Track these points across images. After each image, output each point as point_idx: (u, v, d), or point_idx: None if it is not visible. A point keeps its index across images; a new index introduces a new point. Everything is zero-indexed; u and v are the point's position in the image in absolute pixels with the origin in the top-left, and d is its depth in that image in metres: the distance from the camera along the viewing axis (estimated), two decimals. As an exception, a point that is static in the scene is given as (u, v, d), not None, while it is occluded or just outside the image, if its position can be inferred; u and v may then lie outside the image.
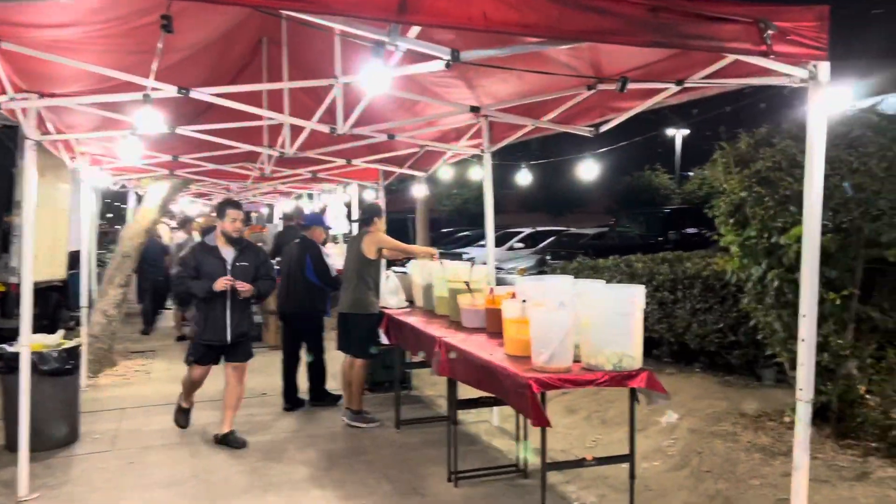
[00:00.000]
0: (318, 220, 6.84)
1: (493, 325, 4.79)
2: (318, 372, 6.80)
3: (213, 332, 5.37)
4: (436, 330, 4.96)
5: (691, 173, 42.32)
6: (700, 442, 4.81)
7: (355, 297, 5.95)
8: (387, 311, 6.01)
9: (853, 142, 4.13)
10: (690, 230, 13.20)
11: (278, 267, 7.27)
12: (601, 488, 4.60)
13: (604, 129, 4.59)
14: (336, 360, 6.57)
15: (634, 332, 3.64)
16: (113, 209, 34.67)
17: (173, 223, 14.15)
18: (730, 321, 6.22)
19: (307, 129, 5.29)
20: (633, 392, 3.70)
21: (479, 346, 4.31)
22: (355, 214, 9.97)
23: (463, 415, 6.07)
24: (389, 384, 7.20)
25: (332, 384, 7.05)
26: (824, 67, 3.00)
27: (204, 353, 5.46)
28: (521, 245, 17.36)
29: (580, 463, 3.67)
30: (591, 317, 3.65)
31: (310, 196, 16.30)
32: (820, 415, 4.56)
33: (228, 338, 5.39)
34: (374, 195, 9.69)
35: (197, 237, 11.83)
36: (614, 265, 7.40)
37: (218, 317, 5.35)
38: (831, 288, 4.24)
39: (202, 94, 4.27)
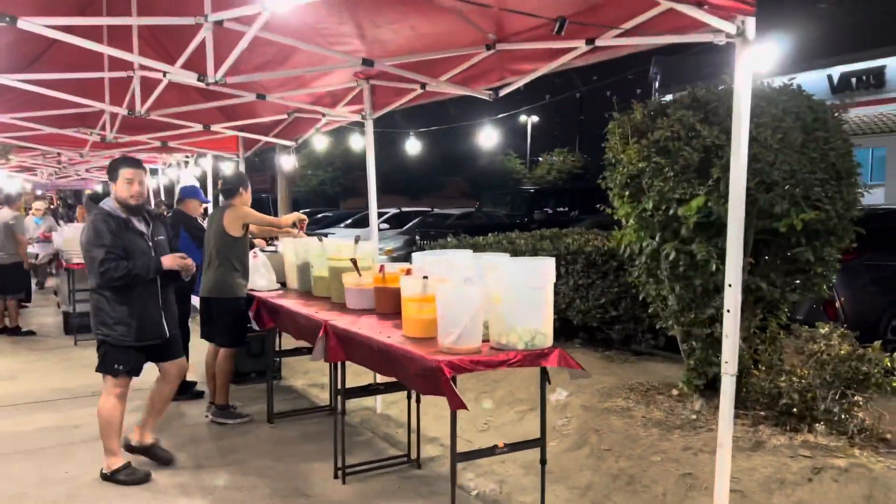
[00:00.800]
0: (193, 192, 6.06)
1: (384, 305, 4.38)
2: None
3: (151, 328, 4.27)
4: (318, 313, 4.46)
5: (540, 159, 44.21)
6: (595, 419, 4.70)
7: (218, 280, 5.29)
8: (256, 293, 5.40)
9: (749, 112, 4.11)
10: (553, 210, 13.47)
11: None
12: (499, 474, 4.36)
13: (504, 92, 4.30)
14: (199, 350, 5.88)
15: (546, 308, 3.38)
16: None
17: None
18: (611, 296, 6.22)
19: (164, 80, 4.54)
20: (544, 372, 3.45)
21: (372, 329, 3.88)
22: (211, 190, 9.07)
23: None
24: (257, 374, 6.60)
25: (193, 376, 6.33)
26: (751, 24, 2.88)
27: (137, 359, 4.29)
28: (386, 226, 16.94)
29: (492, 451, 3.37)
30: (501, 292, 3.35)
31: (153, 171, 14.89)
32: (710, 386, 4.59)
33: (167, 332, 4.38)
34: (235, 168, 8.91)
35: (31, 215, 10.40)
36: (496, 241, 7.21)
37: (152, 309, 4.28)
38: (723, 258, 4.23)
39: (32, 24, 3.44)
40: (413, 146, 15.53)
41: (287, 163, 7.65)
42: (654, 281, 4.78)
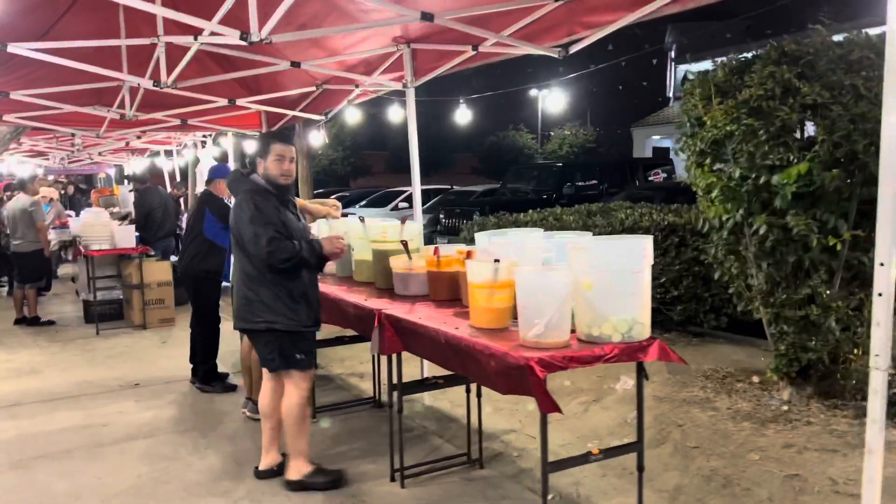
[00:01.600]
0: (222, 171, 5.63)
1: (439, 291, 3.96)
2: (206, 347, 5.72)
3: (319, 313, 3.91)
4: (367, 301, 4.04)
5: (551, 133, 43.48)
6: (675, 412, 4.27)
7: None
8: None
9: (853, 65, 3.63)
10: (582, 183, 12.95)
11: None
12: (573, 475, 3.95)
13: (575, 49, 3.81)
14: (229, 341, 5.50)
15: (645, 294, 2.94)
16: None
17: None
18: (672, 275, 5.76)
19: (196, 44, 4.07)
20: (640, 367, 3.02)
21: (433, 319, 3.45)
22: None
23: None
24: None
25: (225, 367, 5.97)
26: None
27: (314, 345, 3.93)
28: (405, 204, 16.48)
29: (585, 459, 2.95)
30: (591, 277, 2.91)
31: (168, 153, 14.47)
32: (801, 373, 4.15)
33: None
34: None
35: (47, 200, 9.99)
36: (540, 219, 6.75)
37: (315, 294, 3.88)
38: (823, 232, 3.77)
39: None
40: (424, 122, 14.98)
41: (316, 139, 7.10)
42: (734, 258, 4.32)
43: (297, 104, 6.64)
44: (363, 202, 18.72)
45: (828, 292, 3.87)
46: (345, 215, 12.53)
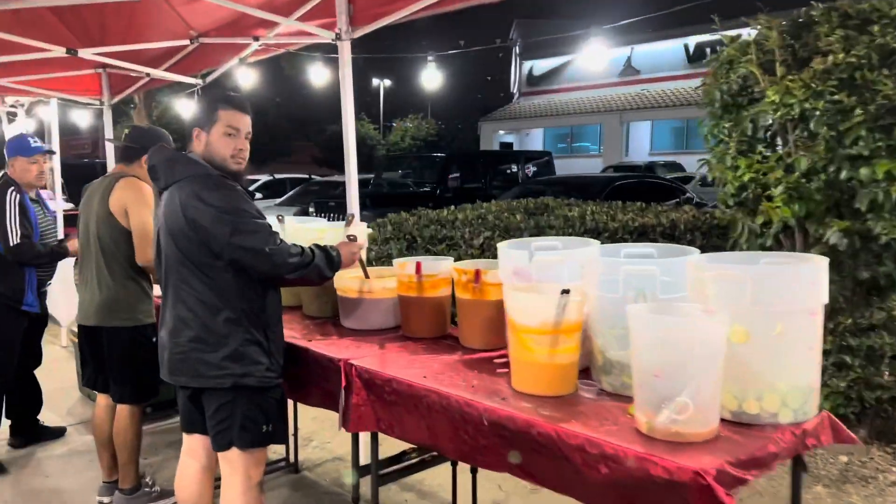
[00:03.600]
0: (24, 146, 3.87)
1: (419, 323, 2.74)
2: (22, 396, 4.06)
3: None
4: (310, 340, 2.72)
5: (394, 124, 42.72)
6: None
7: (109, 299, 3.25)
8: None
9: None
10: (465, 179, 12.02)
11: None
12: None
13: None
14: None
15: (818, 347, 1.92)
16: None
17: None
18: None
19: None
20: (798, 459, 1.98)
21: (442, 375, 2.23)
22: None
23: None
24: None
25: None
26: None
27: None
28: (259, 196, 14.55)
29: None
30: (747, 322, 1.83)
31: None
32: (861, 415, 3.37)
33: None
34: (90, 119, 6.57)
35: None
36: (475, 216, 5.51)
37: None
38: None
39: None
40: (260, 105, 13.22)
41: (184, 108, 5.35)
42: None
43: (160, 62, 4.98)
44: (251, 188, 16.43)
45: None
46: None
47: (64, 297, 5.02)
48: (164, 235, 2.47)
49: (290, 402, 2.97)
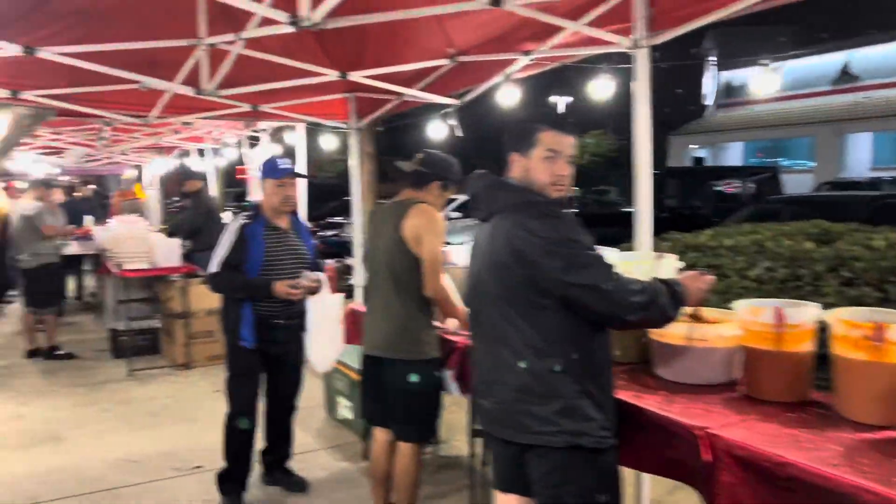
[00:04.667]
0: (274, 168, 3.74)
1: (775, 383, 2.28)
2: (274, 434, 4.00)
3: None
4: (635, 395, 2.34)
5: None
6: None
7: (397, 328, 3.10)
8: (448, 336, 3.26)
9: None
10: (686, 198, 11.20)
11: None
12: None
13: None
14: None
15: None
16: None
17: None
18: None
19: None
20: None
21: (859, 465, 1.75)
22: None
23: None
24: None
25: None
26: None
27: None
28: (458, 214, 14.46)
29: None
30: None
31: (200, 153, 12.46)
32: None
33: None
34: (336, 143, 6.80)
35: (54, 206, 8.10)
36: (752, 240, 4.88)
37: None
38: None
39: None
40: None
41: (448, 129, 5.26)
42: None
43: (412, 83, 4.92)
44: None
45: None
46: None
47: (320, 338, 4.36)
48: (486, 268, 2.24)
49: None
